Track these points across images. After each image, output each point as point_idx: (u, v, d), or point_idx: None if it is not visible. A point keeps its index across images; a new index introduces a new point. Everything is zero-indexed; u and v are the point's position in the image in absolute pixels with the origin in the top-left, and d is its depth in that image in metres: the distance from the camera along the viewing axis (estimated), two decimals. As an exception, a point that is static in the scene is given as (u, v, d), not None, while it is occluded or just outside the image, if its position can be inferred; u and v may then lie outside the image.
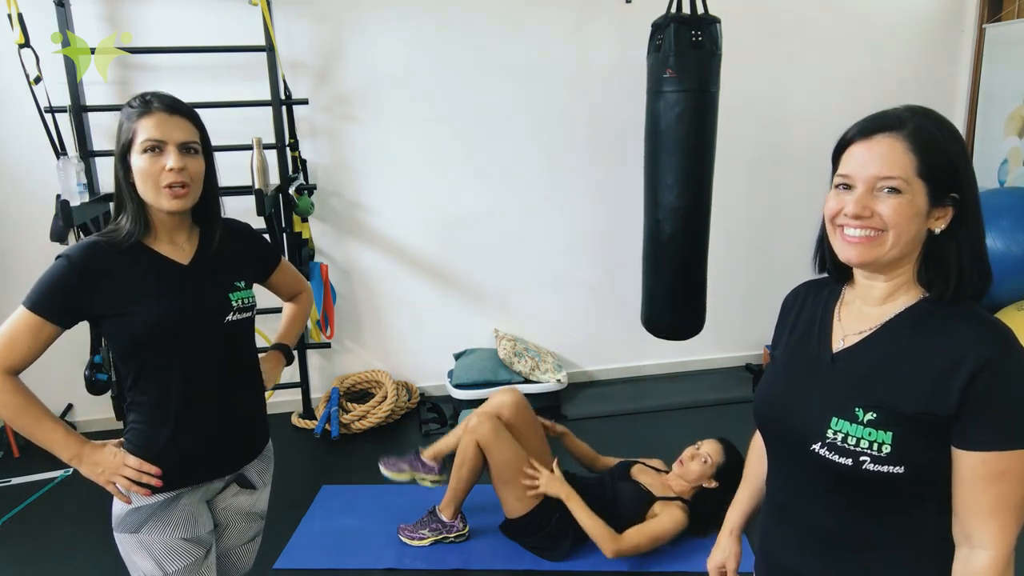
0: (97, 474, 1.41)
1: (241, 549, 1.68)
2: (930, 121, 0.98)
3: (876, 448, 0.96)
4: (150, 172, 1.36)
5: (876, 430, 0.96)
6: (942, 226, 0.98)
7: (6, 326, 1.36)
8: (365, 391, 3.78)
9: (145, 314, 1.38)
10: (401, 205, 3.65)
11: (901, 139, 0.97)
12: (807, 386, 1.08)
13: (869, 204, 0.97)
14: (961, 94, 4.07)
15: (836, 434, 1.00)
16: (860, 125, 1.02)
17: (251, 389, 1.60)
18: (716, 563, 1.36)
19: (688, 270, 2.83)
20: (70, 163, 2.76)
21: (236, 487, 1.60)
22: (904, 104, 1.02)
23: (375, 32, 3.43)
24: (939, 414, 0.94)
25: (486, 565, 2.44)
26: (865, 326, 1.05)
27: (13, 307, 1.38)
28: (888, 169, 0.96)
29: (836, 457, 0.99)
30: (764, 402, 1.15)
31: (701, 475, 2.45)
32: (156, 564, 1.47)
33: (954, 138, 0.99)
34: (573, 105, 3.65)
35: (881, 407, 0.97)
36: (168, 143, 1.38)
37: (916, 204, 0.96)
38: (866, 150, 0.99)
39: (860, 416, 0.98)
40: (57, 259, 1.38)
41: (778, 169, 3.90)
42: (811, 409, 1.05)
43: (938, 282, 0.99)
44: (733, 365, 4.13)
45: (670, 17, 2.62)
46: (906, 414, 0.96)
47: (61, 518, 2.79)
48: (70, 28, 3.03)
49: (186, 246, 1.48)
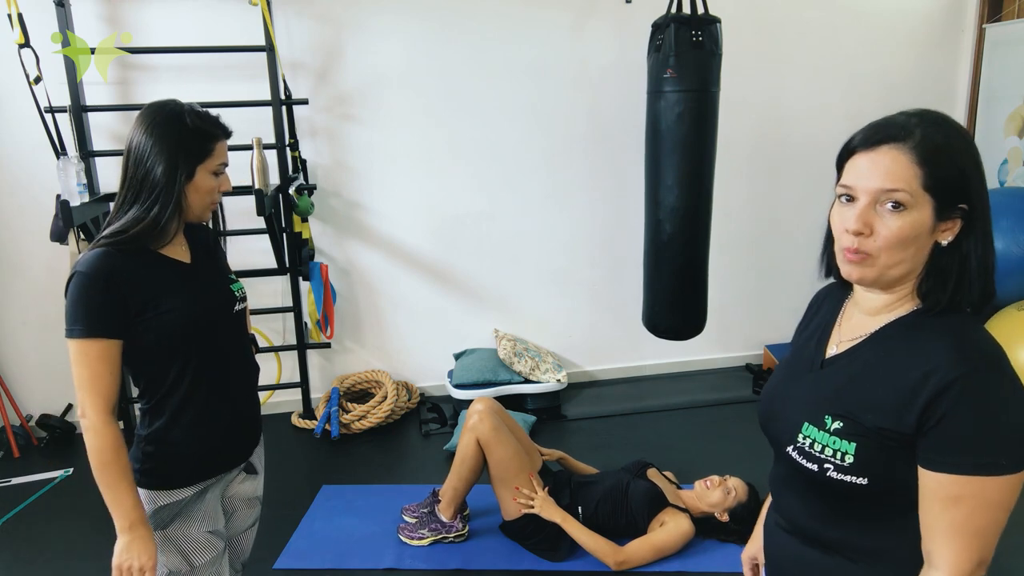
0: (124, 557, 1.39)
1: (244, 535, 1.73)
2: (938, 130, 0.93)
3: (840, 457, 0.96)
4: (209, 190, 1.48)
5: (840, 439, 0.96)
6: (949, 238, 0.95)
7: (80, 368, 1.35)
8: (365, 391, 3.78)
9: (179, 310, 1.42)
10: (401, 205, 3.65)
11: (907, 150, 0.92)
12: (795, 389, 1.09)
13: (870, 221, 0.94)
14: (961, 94, 4.07)
15: (805, 439, 1.01)
16: (864, 133, 0.97)
17: (253, 374, 1.66)
18: (749, 554, 1.37)
19: (688, 270, 2.83)
20: (70, 163, 2.76)
21: (243, 474, 1.66)
22: (912, 108, 0.98)
23: (375, 32, 3.43)
24: (901, 431, 0.92)
25: (486, 565, 2.44)
26: (857, 334, 1.04)
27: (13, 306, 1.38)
28: (892, 182, 0.92)
29: (804, 462, 1.00)
30: (762, 398, 1.17)
31: (719, 504, 2.46)
32: (183, 559, 1.49)
33: (965, 146, 0.94)
34: (573, 105, 3.65)
35: (847, 417, 0.97)
36: (226, 167, 1.52)
37: (920, 220, 0.92)
38: (870, 161, 0.95)
39: (828, 424, 0.98)
40: (74, 276, 1.37)
41: (778, 169, 3.90)
42: (791, 412, 1.06)
43: (934, 293, 0.96)
44: (733, 365, 4.13)
45: (670, 17, 2.62)
46: (869, 427, 0.94)
47: (61, 518, 2.79)
48: (70, 28, 3.03)
49: (183, 247, 1.52)
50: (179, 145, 1.41)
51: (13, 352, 3.38)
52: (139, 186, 1.41)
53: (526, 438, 2.66)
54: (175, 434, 1.47)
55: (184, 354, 1.45)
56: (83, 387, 1.35)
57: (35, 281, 3.23)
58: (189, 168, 1.42)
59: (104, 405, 1.36)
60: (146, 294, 1.39)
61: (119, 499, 1.38)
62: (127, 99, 3.28)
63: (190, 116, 1.43)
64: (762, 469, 1.29)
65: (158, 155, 1.39)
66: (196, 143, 1.43)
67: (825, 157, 4.03)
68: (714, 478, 2.51)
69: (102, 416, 1.36)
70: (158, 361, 1.44)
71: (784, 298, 3.97)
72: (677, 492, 2.56)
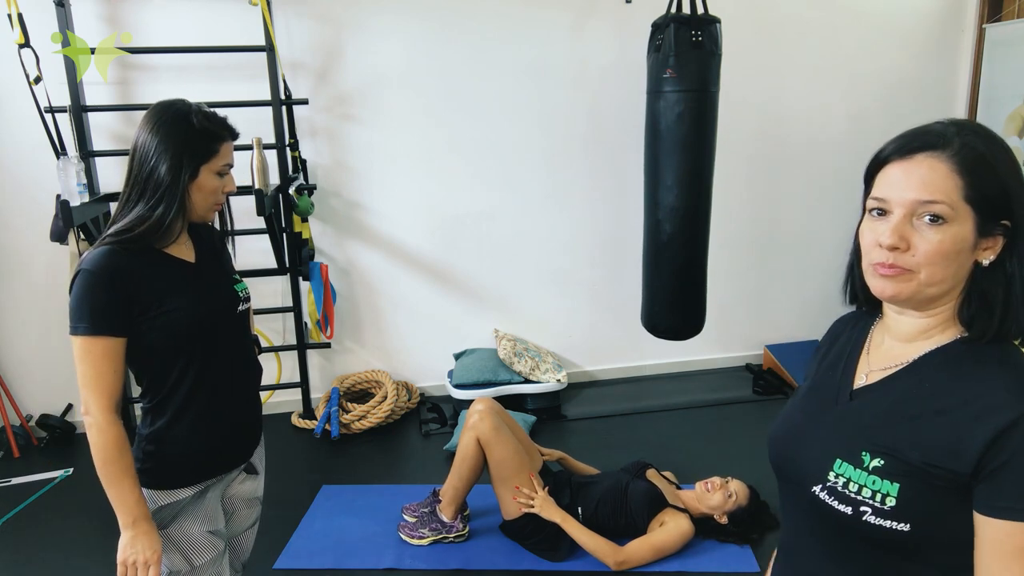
0: (128, 552, 1.39)
1: (244, 535, 1.73)
2: (979, 139, 0.86)
3: (879, 499, 0.85)
4: (214, 190, 1.48)
5: (881, 479, 0.86)
6: (991, 257, 0.87)
7: (84, 365, 1.35)
8: (365, 391, 3.78)
9: (184, 309, 1.42)
10: (401, 205, 3.65)
11: (946, 159, 0.85)
12: (819, 423, 0.98)
13: (907, 235, 0.86)
14: (961, 94, 4.07)
15: (838, 478, 0.90)
16: (898, 142, 0.90)
17: (255, 374, 1.67)
18: None
19: (688, 270, 2.83)
20: (70, 163, 2.76)
21: (244, 474, 1.66)
22: (950, 118, 0.91)
23: (375, 32, 3.43)
24: (955, 471, 0.82)
25: (486, 565, 2.44)
26: (891, 363, 0.94)
27: (13, 306, 1.38)
28: (930, 193, 0.84)
29: (836, 503, 0.90)
30: (775, 435, 1.06)
31: (719, 507, 2.46)
32: (184, 558, 1.50)
33: (1007, 157, 0.87)
34: (573, 105, 3.65)
35: (890, 454, 0.87)
36: (231, 168, 1.53)
37: (961, 235, 0.85)
38: (904, 171, 0.87)
39: (866, 461, 0.88)
40: (79, 274, 1.37)
41: (778, 169, 3.90)
42: (817, 448, 0.95)
43: (980, 320, 0.87)
44: (733, 365, 4.13)
45: (670, 17, 2.62)
46: (916, 465, 0.84)
47: (61, 518, 2.79)
48: (70, 28, 3.03)
49: (187, 246, 1.52)
50: (184, 145, 1.41)
51: (13, 352, 3.38)
52: (143, 184, 1.41)
53: (526, 438, 2.66)
54: (176, 433, 1.47)
55: (187, 354, 1.45)
56: (87, 384, 1.35)
57: (35, 281, 3.24)
58: (193, 168, 1.42)
59: (108, 403, 1.36)
60: (151, 293, 1.39)
61: (123, 496, 1.38)
62: (127, 99, 3.28)
63: (197, 116, 1.43)
64: (762, 470, 1.25)
65: (163, 154, 1.40)
66: (202, 143, 1.43)
67: (825, 157, 4.02)
68: (715, 480, 2.50)
69: (106, 414, 1.36)
70: (161, 360, 1.44)
71: (784, 298, 3.97)
72: (677, 492, 2.56)
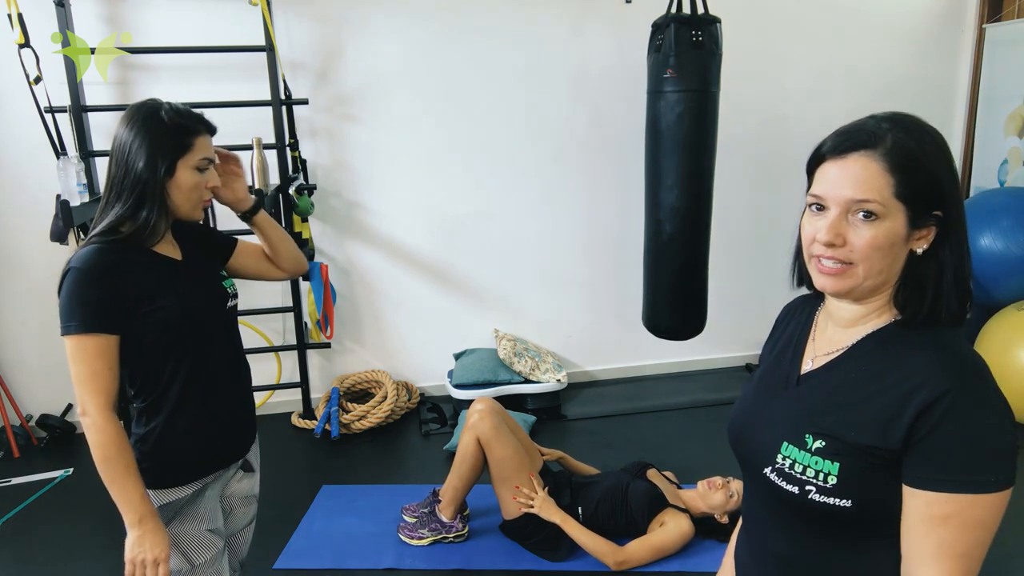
0: (136, 550, 1.38)
1: (241, 533, 1.73)
2: (910, 135, 0.91)
3: (822, 478, 0.91)
4: (196, 187, 1.46)
5: (823, 459, 0.92)
6: (924, 246, 0.92)
7: (78, 365, 1.34)
8: (365, 391, 3.78)
9: (173, 306, 1.42)
10: (401, 205, 3.65)
11: (877, 158, 0.89)
12: (769, 407, 1.04)
13: (842, 231, 0.91)
14: (961, 94, 4.07)
15: (784, 460, 0.95)
16: (834, 140, 0.95)
17: (246, 371, 1.67)
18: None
19: (689, 270, 2.84)
20: (70, 163, 2.76)
21: (241, 472, 1.66)
22: (885, 112, 0.95)
23: (375, 32, 3.43)
24: (886, 448, 0.88)
25: (486, 565, 2.44)
26: (832, 348, 1.00)
27: (13, 307, 1.38)
28: (863, 192, 0.89)
29: (784, 484, 0.95)
30: (732, 419, 1.12)
31: (720, 507, 2.45)
32: (184, 558, 1.50)
33: (938, 151, 0.92)
34: (573, 105, 3.65)
35: (830, 436, 0.92)
36: (212, 163, 1.49)
37: (894, 229, 0.90)
38: (840, 170, 0.92)
39: (809, 444, 0.94)
40: (68, 273, 1.36)
41: (778, 169, 3.90)
42: (767, 432, 1.01)
43: (912, 304, 0.93)
44: (733, 365, 4.13)
45: (670, 17, 2.62)
46: (854, 445, 0.90)
47: (61, 518, 2.79)
48: (70, 28, 3.03)
49: (172, 244, 1.52)
50: (157, 141, 1.41)
51: (13, 352, 3.38)
52: (121, 184, 1.41)
53: (526, 438, 2.66)
54: (172, 432, 1.47)
55: (178, 351, 1.45)
56: (82, 384, 1.34)
57: (35, 281, 3.24)
58: (168, 163, 1.41)
59: (104, 401, 1.35)
60: (140, 290, 1.39)
61: (126, 494, 1.37)
62: (127, 99, 3.28)
63: (167, 112, 1.43)
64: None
65: (137, 151, 1.39)
66: (174, 138, 1.42)
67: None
68: (717, 480, 2.50)
69: (103, 413, 1.35)
70: (152, 358, 1.44)
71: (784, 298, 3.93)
72: (677, 492, 2.56)
